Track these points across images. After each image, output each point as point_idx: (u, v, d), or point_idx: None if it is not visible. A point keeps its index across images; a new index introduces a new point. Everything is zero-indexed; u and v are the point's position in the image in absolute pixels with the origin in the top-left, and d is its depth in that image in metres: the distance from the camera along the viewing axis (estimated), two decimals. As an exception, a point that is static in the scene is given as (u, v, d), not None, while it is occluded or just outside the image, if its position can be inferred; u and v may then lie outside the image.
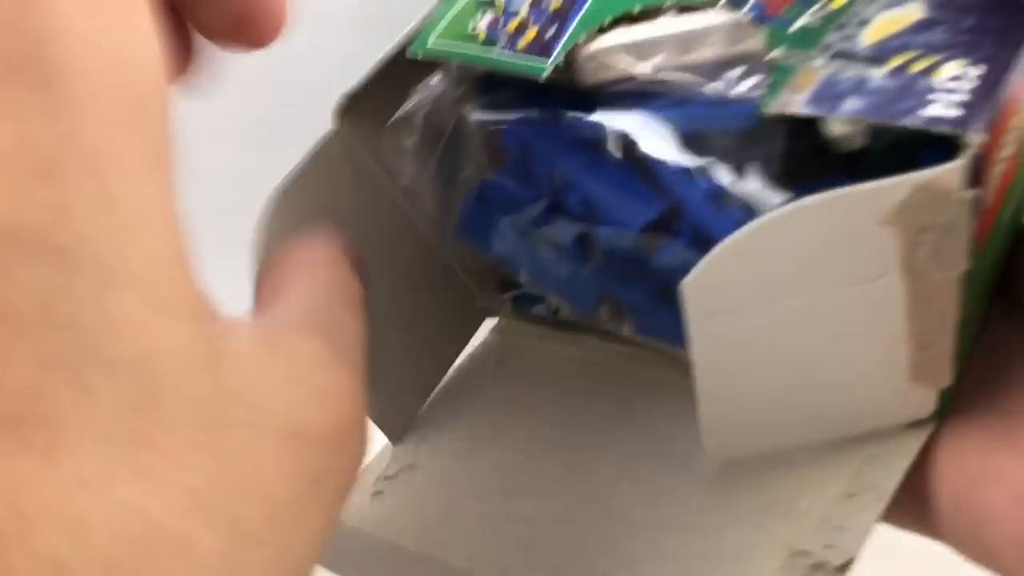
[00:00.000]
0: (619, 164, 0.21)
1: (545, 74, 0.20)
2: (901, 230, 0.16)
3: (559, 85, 0.21)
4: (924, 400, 0.20)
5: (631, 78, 0.20)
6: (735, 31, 0.19)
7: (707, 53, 0.19)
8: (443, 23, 0.22)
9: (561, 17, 0.21)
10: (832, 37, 0.18)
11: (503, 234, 0.23)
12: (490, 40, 0.21)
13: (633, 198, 0.21)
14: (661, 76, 0.20)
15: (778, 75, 0.18)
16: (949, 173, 0.16)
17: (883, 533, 0.22)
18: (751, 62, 0.19)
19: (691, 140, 0.20)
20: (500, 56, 0.21)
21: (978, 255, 0.18)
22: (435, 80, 0.23)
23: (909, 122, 0.16)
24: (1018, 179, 0.19)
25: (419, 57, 0.22)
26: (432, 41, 0.22)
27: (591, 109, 0.21)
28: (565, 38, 0.20)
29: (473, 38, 0.22)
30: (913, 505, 0.21)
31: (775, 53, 0.18)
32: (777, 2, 0.19)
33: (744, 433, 0.20)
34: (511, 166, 0.23)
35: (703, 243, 0.19)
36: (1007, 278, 0.22)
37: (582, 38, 0.20)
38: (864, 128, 0.18)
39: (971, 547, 0.20)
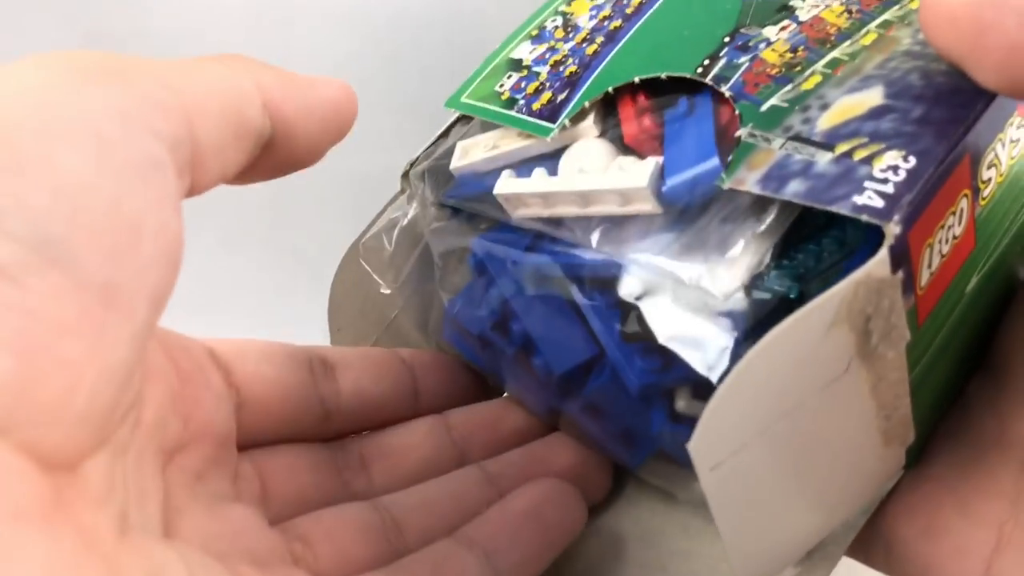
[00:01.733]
0: (559, 303, 0.23)
1: (550, 137, 0.23)
2: (851, 326, 0.18)
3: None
4: (896, 460, 0.22)
5: (543, 218, 0.23)
6: (627, 195, 0.21)
7: (602, 209, 0.22)
8: (476, 82, 0.25)
9: (572, 83, 0.24)
10: (794, 119, 0.20)
11: (474, 343, 0.25)
12: (512, 100, 0.24)
13: (566, 339, 0.23)
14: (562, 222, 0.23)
15: (740, 152, 0.20)
16: (879, 263, 0.17)
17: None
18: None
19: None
20: (516, 116, 0.24)
21: (930, 325, 0.20)
22: (408, 200, 0.27)
23: (839, 208, 0.18)
24: (977, 254, 0.21)
25: (453, 110, 0.25)
26: (464, 98, 0.25)
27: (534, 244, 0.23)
28: (571, 105, 0.23)
29: (498, 97, 0.24)
30: (878, 550, 0.23)
31: (742, 131, 0.20)
32: (755, 80, 0.21)
33: (771, 556, 0.21)
34: (473, 285, 0.25)
35: (621, 383, 0.22)
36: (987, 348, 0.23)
37: (587, 104, 0.23)
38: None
39: None
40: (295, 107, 0.20)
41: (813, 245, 0.21)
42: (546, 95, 0.24)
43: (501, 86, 0.25)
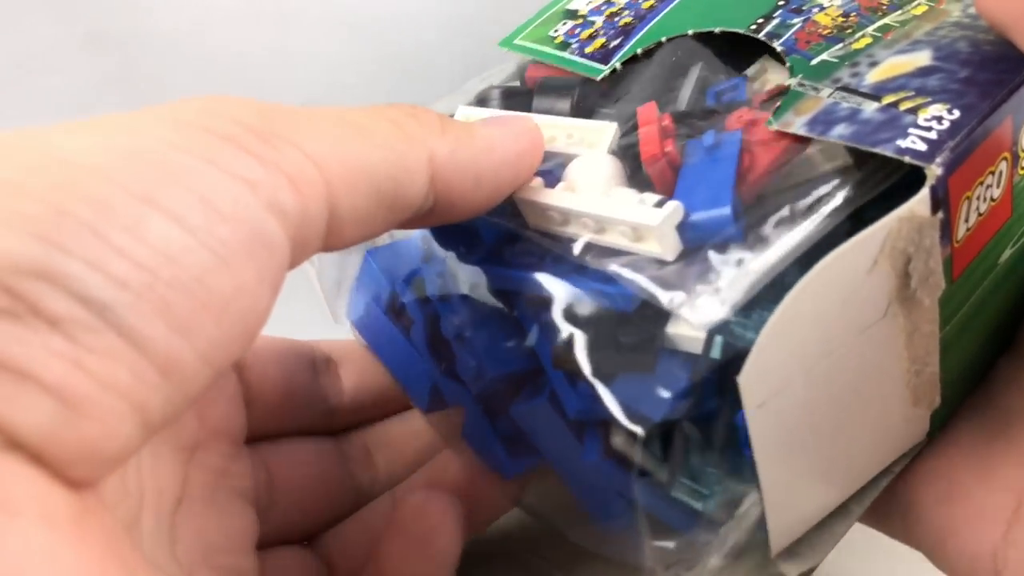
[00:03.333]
0: (503, 312, 0.22)
1: (600, 77, 0.23)
2: (892, 265, 0.19)
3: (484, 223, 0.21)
4: (921, 423, 0.22)
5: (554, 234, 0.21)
6: (639, 231, 0.19)
7: (614, 240, 0.20)
8: (531, 27, 0.26)
9: (626, 32, 0.24)
10: (843, 72, 0.21)
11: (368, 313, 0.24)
12: (565, 44, 0.25)
13: (504, 346, 0.21)
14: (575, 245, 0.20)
15: (788, 99, 0.20)
16: (920, 201, 0.18)
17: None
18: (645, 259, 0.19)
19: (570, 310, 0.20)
20: (568, 57, 0.24)
21: (963, 283, 0.20)
22: None
23: (883, 149, 0.18)
24: (1012, 224, 0.21)
25: (506, 51, 0.26)
26: (518, 40, 0.26)
27: (500, 251, 0.21)
28: (624, 50, 0.24)
29: (552, 40, 0.25)
30: (896, 515, 0.23)
31: (791, 81, 0.21)
32: (807, 39, 0.22)
33: (802, 513, 0.21)
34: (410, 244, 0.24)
35: (559, 406, 0.20)
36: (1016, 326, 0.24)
37: (639, 52, 0.24)
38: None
39: (937, 557, 0.22)
40: (464, 181, 0.18)
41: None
42: (599, 41, 0.24)
43: (555, 31, 0.25)
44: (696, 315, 0.17)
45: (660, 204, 0.19)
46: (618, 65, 0.23)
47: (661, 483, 0.20)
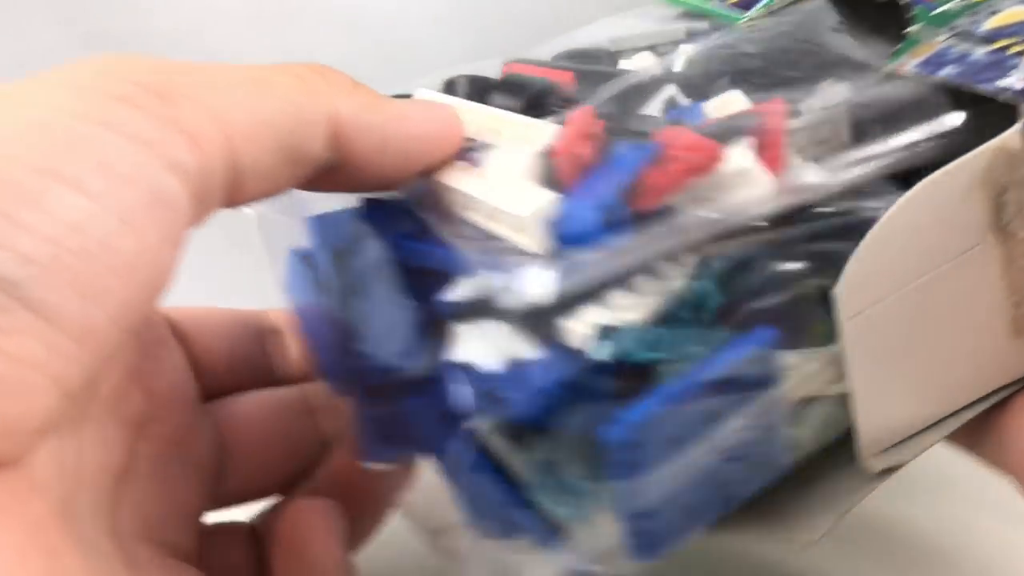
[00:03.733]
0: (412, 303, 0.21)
1: (740, 22, 0.26)
2: (987, 195, 0.20)
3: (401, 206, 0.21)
4: (1022, 356, 0.23)
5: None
6: (518, 222, 0.19)
7: (501, 230, 0.19)
8: (682, -19, 0.29)
9: (768, -16, 0.26)
10: (962, 20, 0.22)
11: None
12: (712, -4, 0.27)
13: (401, 336, 0.21)
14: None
15: (906, 44, 0.22)
16: (1012, 135, 0.20)
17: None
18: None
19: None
20: (712, 7, 0.27)
21: None
22: None
23: (983, 88, 0.20)
24: None
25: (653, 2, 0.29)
26: (670, -7, 0.28)
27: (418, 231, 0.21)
28: (764, 1, 0.26)
29: (700, -7, 0.28)
30: (986, 438, 0.24)
31: (912, 28, 0.23)
32: (933, -10, 0.23)
33: (892, 423, 0.22)
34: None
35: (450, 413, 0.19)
36: None
37: (775, 4, 0.26)
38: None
39: (1022, 480, 0.23)
40: (368, 143, 0.18)
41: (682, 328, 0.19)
42: (743, -7, 0.27)
43: (704, -14, 0.28)
44: (511, 298, 0.17)
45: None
46: (756, 13, 0.26)
47: (521, 480, 0.20)
